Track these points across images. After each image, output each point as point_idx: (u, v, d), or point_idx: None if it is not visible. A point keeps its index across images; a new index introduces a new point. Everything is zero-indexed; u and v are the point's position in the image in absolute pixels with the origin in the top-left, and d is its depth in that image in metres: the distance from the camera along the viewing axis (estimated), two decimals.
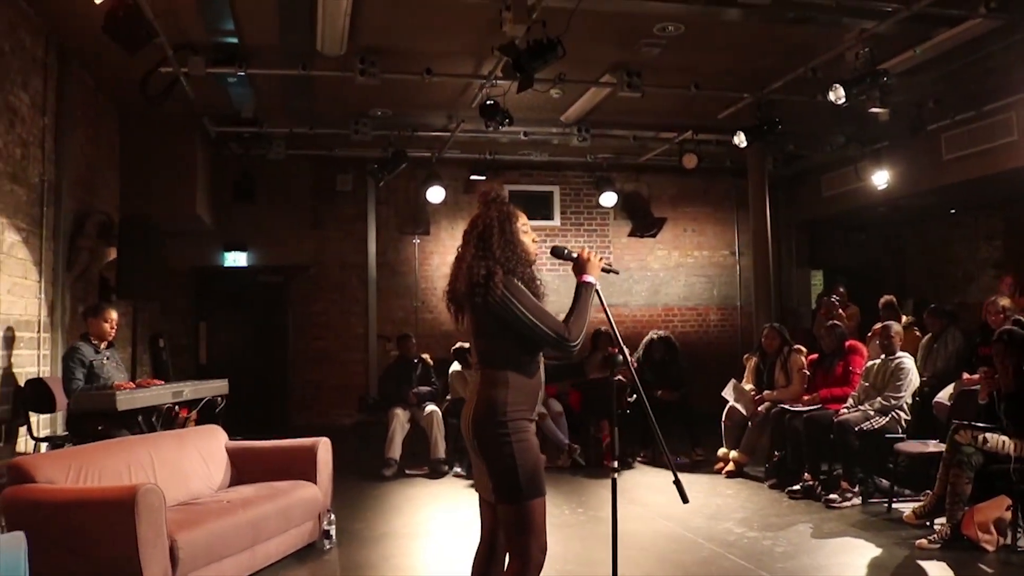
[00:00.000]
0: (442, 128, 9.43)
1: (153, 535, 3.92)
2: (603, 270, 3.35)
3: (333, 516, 5.46)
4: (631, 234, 11.81)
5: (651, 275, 11.86)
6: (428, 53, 7.12)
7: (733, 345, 11.67)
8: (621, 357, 3.42)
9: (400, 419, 8.14)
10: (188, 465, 5.22)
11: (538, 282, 3.20)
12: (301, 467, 5.45)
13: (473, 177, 10.89)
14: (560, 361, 8.02)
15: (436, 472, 7.95)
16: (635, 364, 3.52)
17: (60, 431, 6.51)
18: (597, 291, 3.23)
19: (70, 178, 6.97)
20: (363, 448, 8.76)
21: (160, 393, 5.61)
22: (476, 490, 3.25)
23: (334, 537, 5.40)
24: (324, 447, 5.57)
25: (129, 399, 5.26)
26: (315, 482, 5.39)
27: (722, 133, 9.34)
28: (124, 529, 3.83)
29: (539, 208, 11.57)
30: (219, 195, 9.87)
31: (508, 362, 3.05)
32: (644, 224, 11.70)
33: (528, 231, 3.27)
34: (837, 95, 6.61)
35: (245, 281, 10.71)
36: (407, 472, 8.00)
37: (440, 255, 11.24)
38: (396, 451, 8.01)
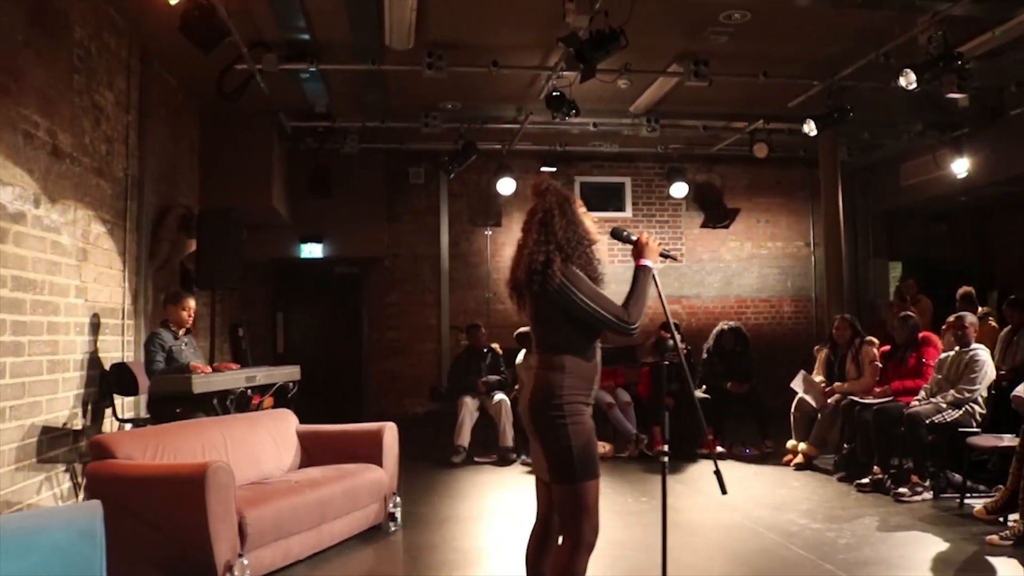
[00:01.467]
0: (511, 120, 9.51)
1: (223, 510, 4.11)
2: (661, 255, 3.38)
3: (399, 499, 5.61)
4: (703, 225, 11.71)
5: (724, 266, 11.74)
6: (494, 46, 7.20)
7: (807, 337, 11.46)
8: (671, 342, 3.45)
9: (469, 407, 8.27)
10: (259, 447, 5.43)
11: (597, 264, 3.25)
12: (368, 451, 5.61)
13: (544, 168, 10.95)
14: (615, 345, 8.03)
15: (504, 460, 8.06)
16: (685, 350, 3.53)
17: (143, 413, 6.83)
18: (653, 275, 3.28)
19: (152, 173, 7.30)
20: (434, 436, 8.94)
21: (234, 377, 5.84)
22: (534, 471, 3.35)
23: (399, 520, 5.55)
24: (390, 431, 5.72)
25: (205, 382, 5.50)
26: (381, 465, 5.54)
27: (793, 122, 9.18)
28: (195, 504, 4.02)
29: (611, 199, 11.58)
30: (295, 188, 10.16)
31: (566, 347, 3.11)
32: (716, 215, 11.60)
33: (587, 214, 3.32)
34: (908, 80, 6.45)
35: (321, 272, 11.02)
36: (476, 460, 8.14)
37: (512, 246, 11.10)
38: (465, 439, 8.15)
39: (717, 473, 3.22)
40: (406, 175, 11.04)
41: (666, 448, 3.51)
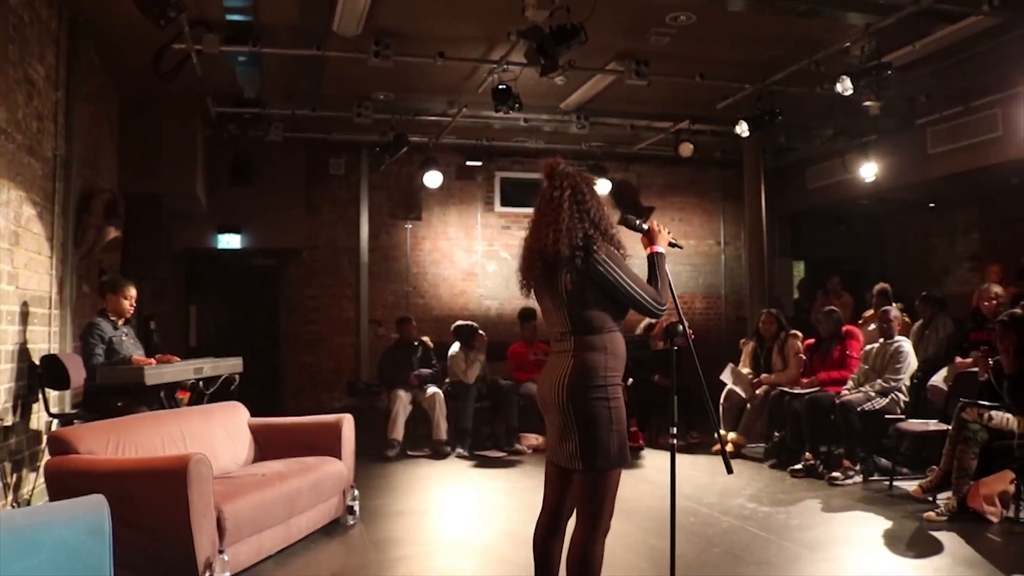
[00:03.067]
0: (440, 113, 9.48)
1: (203, 505, 3.98)
2: (669, 244, 3.46)
3: (357, 492, 5.54)
4: (619, 223, 11.92)
5: (640, 263, 11.74)
6: (441, 37, 7.16)
7: (717, 333, 11.93)
8: (681, 328, 3.55)
9: (403, 401, 8.21)
10: (215, 440, 5.25)
11: (624, 246, 3.27)
12: (325, 443, 5.52)
13: (469, 163, 11.00)
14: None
15: (438, 454, 8.04)
16: (692, 335, 3.64)
17: (68, 408, 6.48)
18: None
19: (78, 155, 6.92)
20: (359, 432, 8.80)
21: (183, 369, 5.63)
22: (549, 458, 3.28)
23: (357, 513, 5.49)
24: (348, 424, 5.64)
25: (157, 374, 5.28)
26: (340, 458, 5.47)
27: (717, 123, 9.53)
28: (176, 498, 3.88)
29: (531, 195, 11.61)
30: (214, 177, 9.82)
31: (603, 328, 3.10)
32: (632, 213, 11.84)
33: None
34: (844, 87, 6.81)
35: (237, 264, 10.69)
36: (409, 453, 8.08)
37: (432, 240, 11.31)
38: (399, 432, 8.09)
39: (723, 453, 3.34)
40: (326, 166, 10.84)
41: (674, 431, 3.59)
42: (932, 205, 11.37)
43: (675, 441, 3.52)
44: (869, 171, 9.75)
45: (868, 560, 4.55)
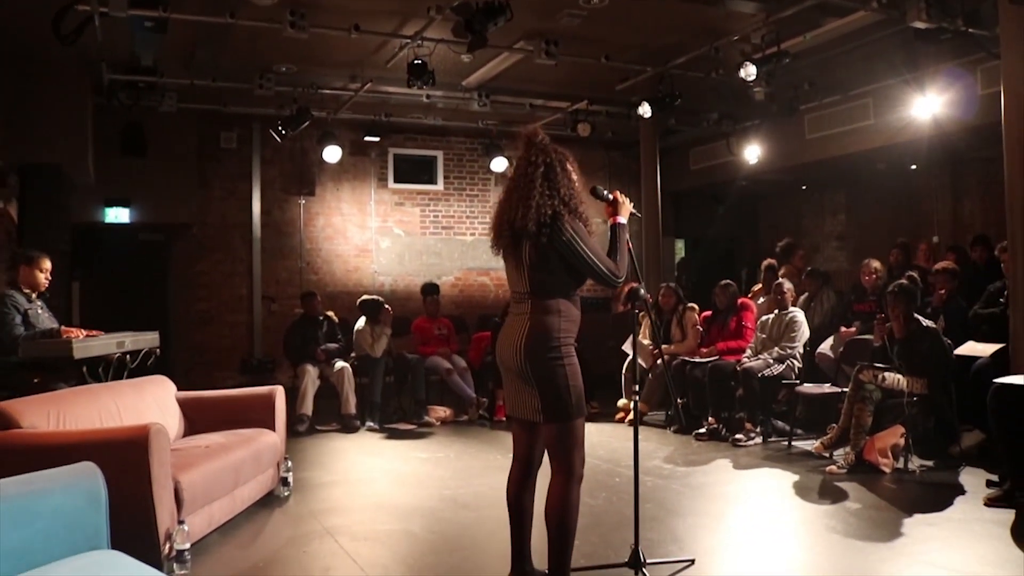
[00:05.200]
0: (340, 87, 9.40)
1: (163, 475, 3.93)
2: (632, 214, 3.69)
3: (290, 463, 5.54)
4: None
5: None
6: (356, 9, 7.12)
7: (608, 307, 12.35)
8: (642, 292, 3.79)
9: (311, 375, 8.16)
10: (149, 414, 5.10)
11: (590, 221, 3.47)
12: (257, 416, 5.48)
13: (367, 138, 10.93)
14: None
15: (348, 427, 8.05)
16: (649, 299, 3.89)
17: None
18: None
19: None
20: None
21: (107, 343, 5.44)
22: (511, 414, 3.51)
23: (291, 484, 5.48)
24: (280, 396, 5.62)
25: (84, 347, 5.10)
26: (274, 429, 5.44)
27: (613, 104, 9.86)
28: (137, 469, 3.80)
29: (423, 172, 11.74)
30: (101, 147, 9.37)
31: (560, 293, 3.33)
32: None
33: (575, 172, 3.52)
34: (748, 72, 7.22)
35: (123, 239, 10.26)
36: (317, 428, 8.05)
37: (326, 216, 11.20)
38: (308, 407, 8.04)
39: (676, 408, 3.60)
40: (217, 139, 10.54)
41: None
42: (804, 187, 12.15)
43: (636, 399, 3.76)
44: (752, 154, 10.33)
45: (788, 507, 4.97)
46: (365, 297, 8.78)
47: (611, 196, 3.64)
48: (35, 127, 7.94)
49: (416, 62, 7.43)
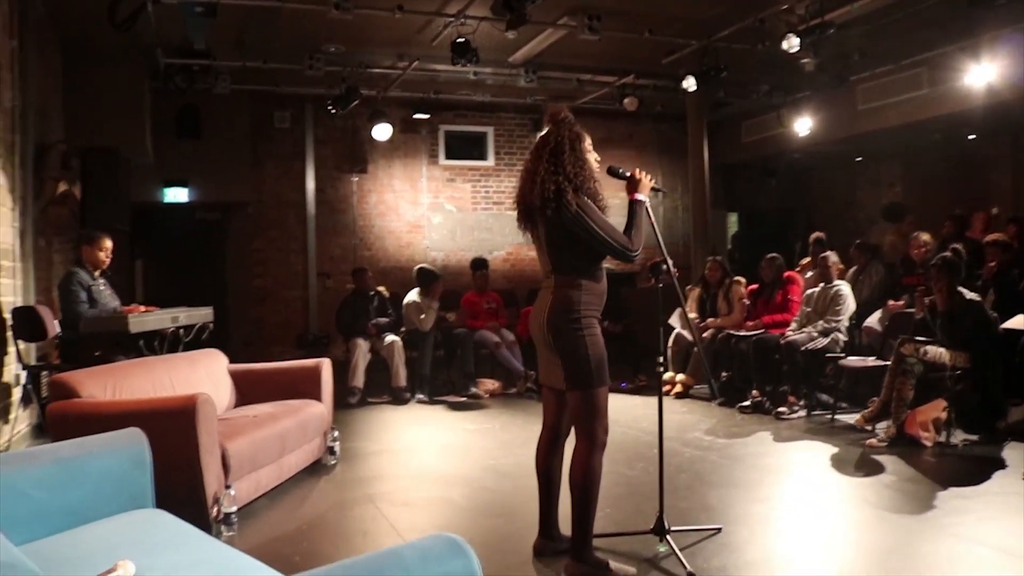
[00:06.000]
0: (389, 66, 9.54)
1: (210, 442, 4.14)
2: (652, 189, 3.76)
3: (337, 433, 5.73)
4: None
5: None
6: None
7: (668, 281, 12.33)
8: (665, 266, 3.85)
9: (362, 349, 8.37)
10: (201, 385, 5.33)
11: (601, 197, 3.56)
12: (304, 387, 5.67)
13: (416, 116, 11.09)
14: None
15: (399, 399, 8.25)
16: (676, 273, 3.95)
17: (34, 360, 6.48)
18: (647, 207, 3.66)
19: (33, 106, 6.82)
20: None
21: (162, 318, 5.71)
22: (543, 382, 3.70)
23: (338, 453, 5.68)
24: (327, 368, 5.81)
25: (140, 322, 5.36)
26: (320, 400, 5.64)
27: (660, 78, 9.83)
28: (185, 436, 4.02)
29: (474, 148, 11.85)
30: (160, 130, 9.69)
31: (580, 269, 3.45)
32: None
33: (591, 151, 3.61)
34: (791, 44, 7.15)
35: (183, 218, 10.60)
36: (369, 400, 8.27)
37: (378, 193, 11.40)
38: (360, 380, 8.26)
39: (710, 381, 3.66)
40: (271, 119, 10.80)
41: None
42: (859, 159, 11.95)
43: (661, 370, 3.84)
44: (803, 126, 10.20)
45: (823, 479, 4.99)
46: (422, 266, 8.97)
47: (628, 174, 3.70)
48: (95, 112, 8.27)
49: (459, 40, 7.51)
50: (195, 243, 10.79)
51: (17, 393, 6.10)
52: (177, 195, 10.09)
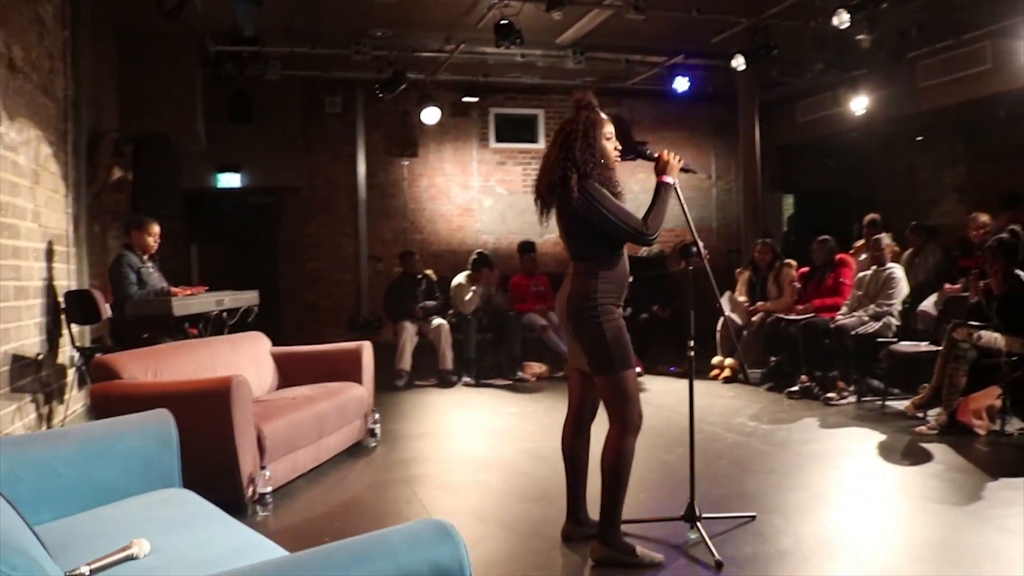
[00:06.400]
0: (437, 49, 9.53)
1: (245, 423, 4.21)
2: (682, 169, 3.69)
3: (378, 415, 5.78)
4: (634, 153, 12.08)
5: (632, 197, 11.73)
6: None
7: (711, 264, 12.13)
8: (694, 248, 3.78)
9: (409, 332, 8.45)
10: (243, 367, 5.42)
11: (616, 184, 3.52)
12: (345, 370, 5.74)
13: (465, 99, 11.08)
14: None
15: (445, 383, 8.31)
16: (707, 255, 3.88)
17: (88, 342, 6.66)
18: (676, 189, 3.59)
19: (86, 95, 6.99)
20: None
21: (206, 301, 5.82)
22: (570, 365, 3.72)
23: (379, 435, 5.74)
24: (367, 351, 5.86)
25: (184, 305, 5.47)
26: (361, 383, 5.70)
27: (711, 58, 9.64)
28: (220, 417, 4.10)
29: (525, 131, 11.79)
30: (211, 116, 9.83)
31: (596, 256, 3.44)
32: (625, 148, 11.99)
33: (611, 138, 3.56)
34: (841, 20, 6.95)
35: (236, 203, 10.78)
36: (416, 383, 8.35)
37: (429, 177, 11.43)
38: (407, 363, 8.34)
39: (742, 366, 3.59)
40: (322, 104, 10.88)
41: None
42: (920, 138, 11.58)
43: (692, 353, 3.78)
44: (859, 104, 9.91)
45: (868, 468, 4.87)
46: (481, 251, 9.05)
47: (655, 155, 3.64)
48: (149, 100, 8.43)
49: (503, 22, 7.47)
50: (249, 227, 10.96)
51: (72, 374, 6.29)
52: (230, 180, 10.25)
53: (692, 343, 3.82)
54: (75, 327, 6.29)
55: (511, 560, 3.51)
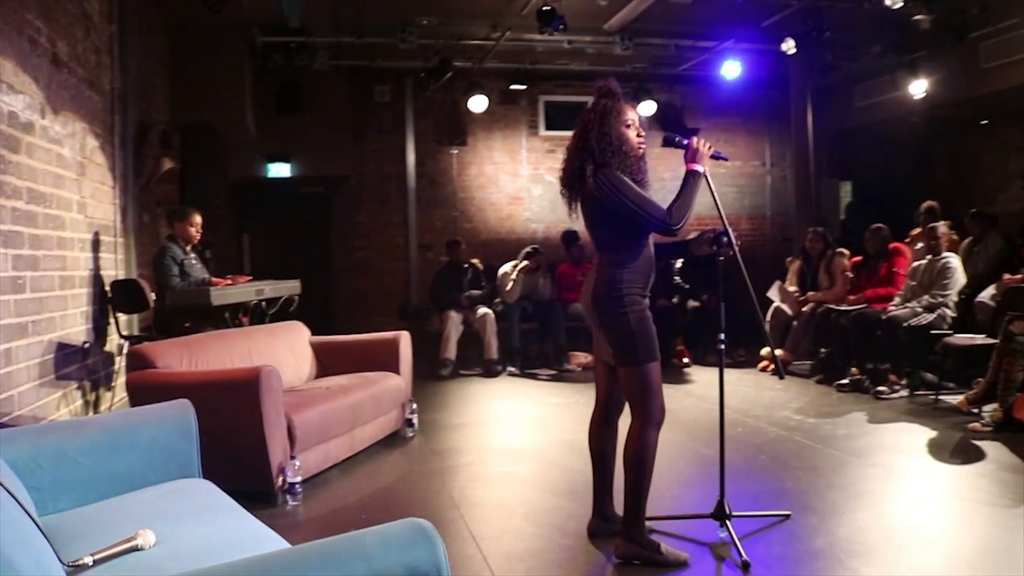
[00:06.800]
0: (483, 37, 9.47)
1: (274, 413, 4.23)
2: (713, 156, 3.58)
3: (415, 405, 5.78)
4: (664, 144, 11.90)
5: (661, 185, 12.02)
6: None
7: (762, 253, 11.91)
8: (726, 238, 3.66)
9: (454, 321, 8.44)
10: (280, 357, 5.49)
11: (641, 172, 3.43)
12: (383, 359, 5.75)
13: (513, 87, 11.00)
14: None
15: (490, 372, 8.28)
16: (739, 244, 3.76)
17: (136, 331, 6.79)
18: (706, 177, 3.49)
19: (134, 87, 7.10)
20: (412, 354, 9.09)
21: (246, 290, 5.88)
22: (596, 356, 3.65)
23: (416, 425, 5.74)
24: (405, 340, 5.87)
25: (222, 295, 5.53)
26: (398, 373, 5.70)
27: (763, 42, 9.39)
28: (250, 407, 4.12)
29: (574, 118, 11.57)
30: (261, 107, 9.95)
31: (619, 246, 3.36)
32: (680, 134, 11.80)
33: (632, 125, 3.45)
34: (894, 1, 6.69)
35: (287, 192, 10.90)
36: (461, 372, 8.35)
37: (477, 166, 11.39)
38: (452, 352, 8.33)
39: (775, 359, 3.47)
40: (371, 94, 10.91)
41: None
42: (984, 122, 11.14)
43: (723, 347, 3.66)
44: (919, 88, 9.57)
45: (914, 466, 4.69)
46: (536, 246, 9.04)
47: (685, 143, 3.54)
48: (199, 91, 8.55)
49: (545, 8, 7.38)
50: (299, 217, 11.06)
51: (120, 362, 6.42)
52: (280, 170, 10.36)
53: (722, 336, 3.70)
54: (122, 316, 6.43)
55: (534, 555, 3.46)
